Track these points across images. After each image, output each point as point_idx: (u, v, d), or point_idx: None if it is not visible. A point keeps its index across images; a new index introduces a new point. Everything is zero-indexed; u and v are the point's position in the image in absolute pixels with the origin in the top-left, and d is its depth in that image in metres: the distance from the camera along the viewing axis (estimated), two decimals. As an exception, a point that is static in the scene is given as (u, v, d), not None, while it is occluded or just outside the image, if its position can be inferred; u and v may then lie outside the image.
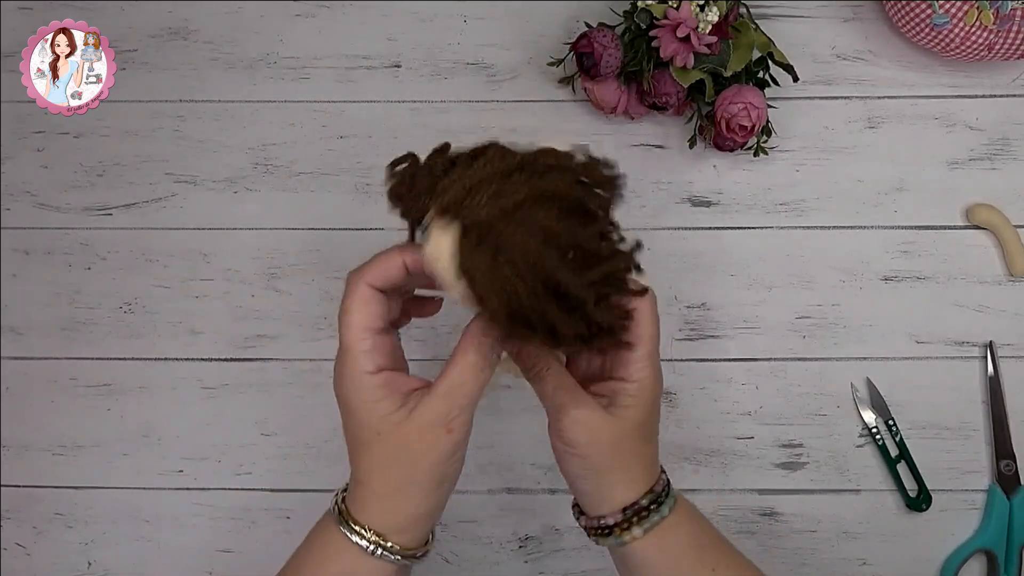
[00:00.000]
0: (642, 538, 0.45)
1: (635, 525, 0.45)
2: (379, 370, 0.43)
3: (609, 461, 0.45)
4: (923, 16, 0.64)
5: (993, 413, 0.64)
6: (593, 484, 0.45)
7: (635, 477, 0.46)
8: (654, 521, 0.45)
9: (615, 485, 0.45)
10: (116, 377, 0.67)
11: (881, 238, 0.67)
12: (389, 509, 0.43)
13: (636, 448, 0.46)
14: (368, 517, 0.43)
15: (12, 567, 0.65)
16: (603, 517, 0.46)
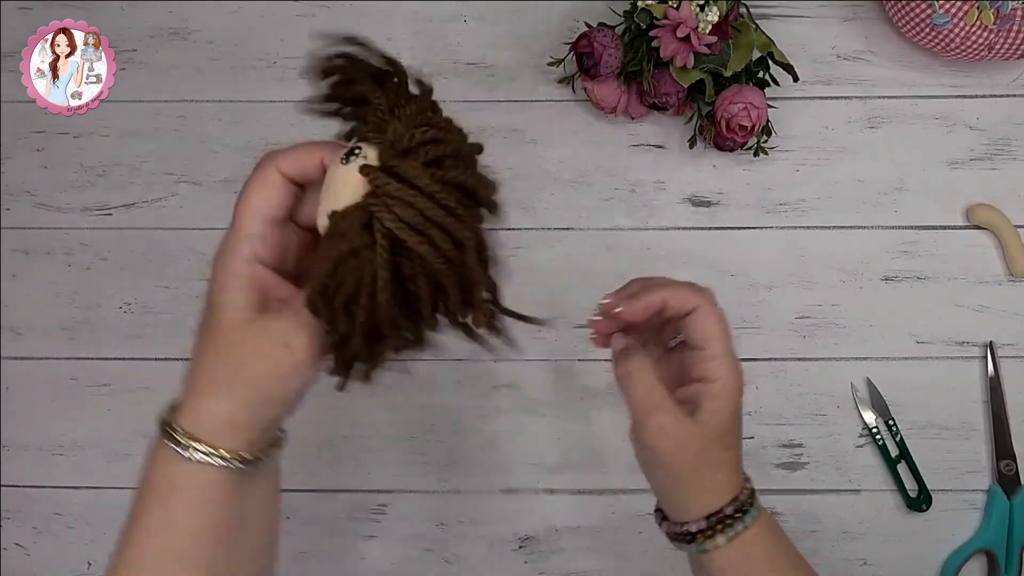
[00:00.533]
0: (724, 547, 0.45)
1: (719, 533, 0.45)
2: (256, 260, 0.40)
3: (693, 468, 0.45)
4: (923, 16, 0.64)
5: (993, 413, 0.64)
6: (677, 491, 0.45)
7: (719, 485, 0.45)
8: (737, 531, 0.45)
9: (699, 493, 0.45)
10: (116, 377, 0.67)
11: (881, 238, 0.67)
12: (201, 406, 0.40)
13: (720, 456, 0.45)
14: (182, 415, 0.40)
15: (12, 567, 0.65)
16: (686, 524, 0.45)
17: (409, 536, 0.65)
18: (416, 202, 0.36)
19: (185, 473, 0.40)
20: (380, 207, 0.36)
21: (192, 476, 0.40)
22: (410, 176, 0.36)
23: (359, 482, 0.65)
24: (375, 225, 0.36)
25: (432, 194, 0.36)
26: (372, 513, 0.65)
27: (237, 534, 0.41)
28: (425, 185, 0.36)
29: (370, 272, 0.37)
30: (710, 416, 0.44)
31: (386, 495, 0.65)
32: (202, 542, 0.40)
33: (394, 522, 0.65)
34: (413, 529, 0.65)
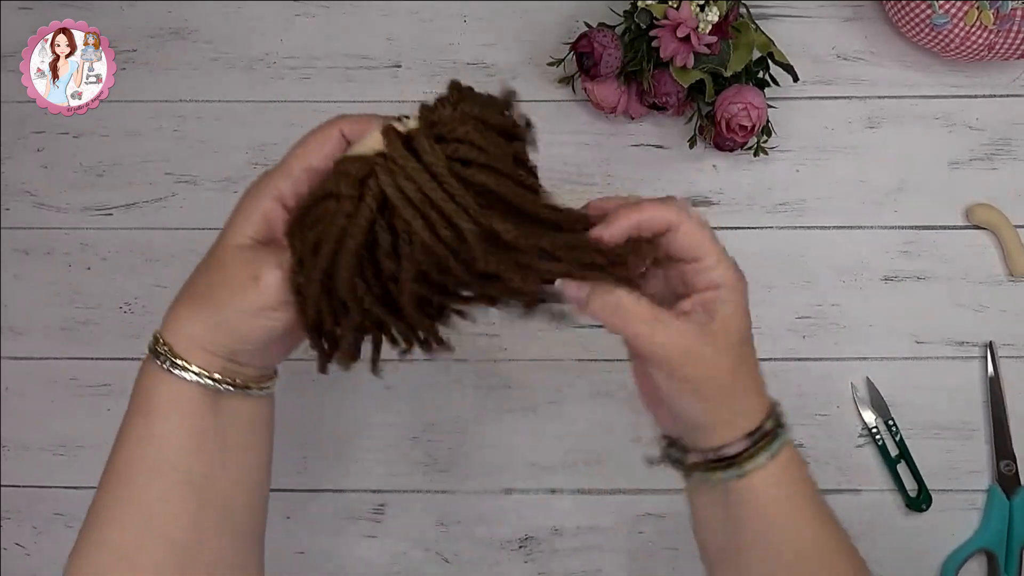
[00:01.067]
0: (765, 467, 0.40)
1: (761, 451, 0.40)
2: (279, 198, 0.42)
3: (731, 386, 0.40)
4: (923, 16, 0.64)
5: (993, 413, 0.64)
6: (711, 415, 0.41)
7: (756, 399, 0.42)
8: (777, 447, 0.41)
9: (734, 410, 0.41)
10: (116, 377, 0.67)
11: (881, 238, 0.67)
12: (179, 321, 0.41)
13: (750, 364, 0.42)
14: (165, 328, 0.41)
15: (12, 567, 0.65)
16: (723, 447, 0.41)
17: (409, 536, 0.65)
18: (419, 179, 0.36)
19: (163, 385, 0.41)
20: (382, 168, 0.37)
21: (169, 388, 0.41)
22: (424, 154, 0.37)
23: (359, 482, 0.65)
24: (370, 182, 0.37)
25: (440, 178, 0.36)
26: (372, 513, 0.65)
27: (217, 454, 0.41)
28: (436, 169, 0.37)
29: (343, 222, 0.37)
30: (728, 321, 0.41)
31: (386, 495, 0.65)
32: (180, 455, 0.41)
33: (394, 522, 0.65)
34: (413, 529, 0.65)
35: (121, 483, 0.41)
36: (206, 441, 0.41)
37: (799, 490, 0.42)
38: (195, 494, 0.41)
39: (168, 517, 0.40)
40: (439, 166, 0.37)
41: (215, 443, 0.41)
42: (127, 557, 0.40)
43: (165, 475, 0.40)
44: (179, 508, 0.40)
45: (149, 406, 0.42)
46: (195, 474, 0.41)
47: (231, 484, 0.42)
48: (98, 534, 0.41)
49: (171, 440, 0.41)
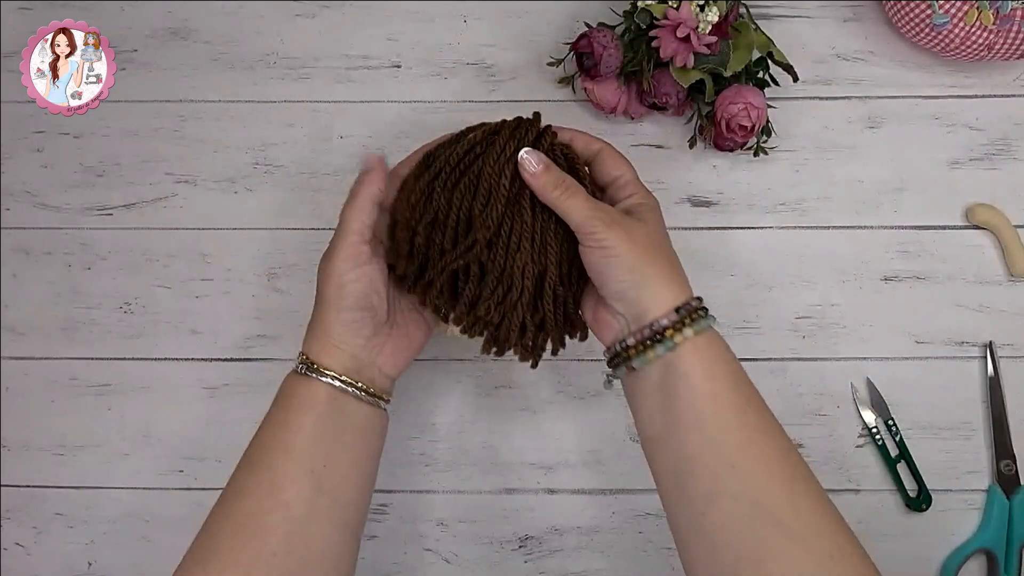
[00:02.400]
0: (692, 341, 0.46)
1: (687, 326, 0.46)
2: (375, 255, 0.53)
3: (649, 258, 0.48)
4: (923, 16, 0.64)
5: (993, 413, 0.64)
6: (640, 286, 0.47)
7: (676, 280, 0.48)
8: (703, 326, 0.47)
9: (662, 285, 0.47)
10: (116, 377, 0.67)
11: (881, 238, 0.67)
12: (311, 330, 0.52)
13: (667, 250, 0.50)
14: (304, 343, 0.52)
15: (12, 567, 0.65)
16: (656, 321, 0.47)
17: (409, 536, 0.65)
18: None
19: (301, 386, 0.51)
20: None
21: (305, 389, 0.50)
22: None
23: (359, 482, 0.65)
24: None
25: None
26: (372, 513, 0.65)
27: (334, 448, 0.49)
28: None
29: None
30: (645, 216, 0.50)
31: (386, 495, 0.65)
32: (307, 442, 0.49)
33: (394, 522, 0.65)
34: (413, 529, 0.65)
35: (255, 461, 0.49)
36: (327, 434, 0.49)
37: (723, 363, 0.47)
38: (314, 479, 0.48)
39: (291, 494, 0.47)
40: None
41: (334, 437, 0.49)
42: (249, 523, 0.47)
43: (293, 457, 0.48)
44: (301, 488, 0.48)
45: (287, 402, 0.51)
46: (316, 461, 0.48)
47: (342, 477, 0.49)
48: (228, 506, 0.48)
49: (303, 428, 0.49)
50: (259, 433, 0.51)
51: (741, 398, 0.47)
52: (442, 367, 0.66)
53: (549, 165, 0.50)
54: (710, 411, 0.46)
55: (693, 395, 0.46)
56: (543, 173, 0.50)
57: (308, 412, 0.49)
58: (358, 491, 0.51)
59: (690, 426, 0.46)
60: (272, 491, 0.48)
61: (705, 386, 0.46)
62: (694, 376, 0.46)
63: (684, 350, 0.46)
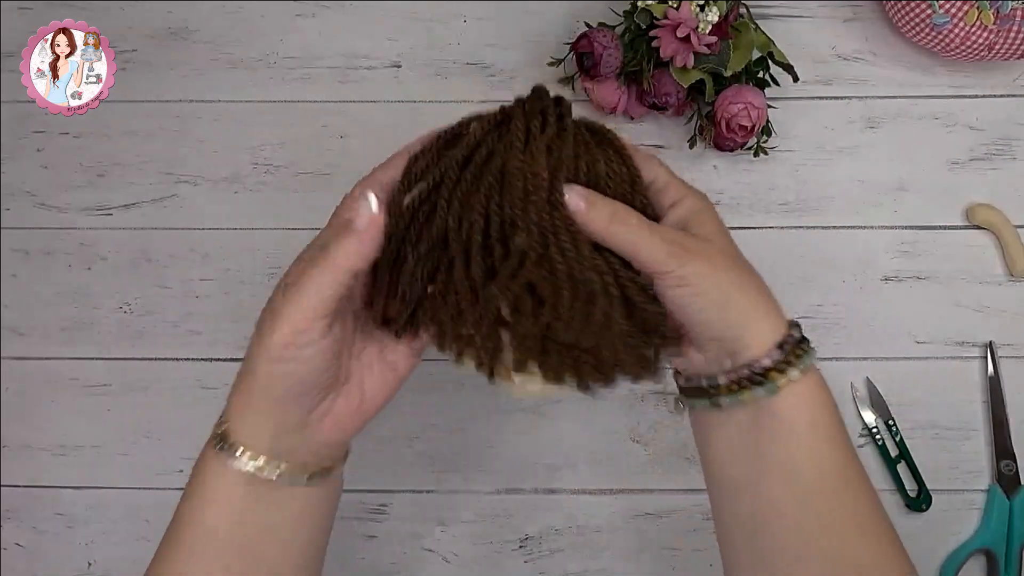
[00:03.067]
0: (794, 384, 0.39)
1: (792, 366, 0.39)
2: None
3: (739, 285, 0.40)
4: (923, 16, 0.64)
5: (993, 413, 0.64)
6: (732, 322, 0.40)
7: (771, 307, 0.41)
8: (806, 363, 0.39)
9: (758, 319, 0.40)
10: (116, 377, 0.67)
11: (881, 238, 0.67)
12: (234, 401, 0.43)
13: (750, 267, 0.42)
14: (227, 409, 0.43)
15: (12, 567, 0.65)
16: (755, 361, 0.39)
17: (409, 536, 0.65)
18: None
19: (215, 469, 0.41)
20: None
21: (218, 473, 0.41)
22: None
23: (359, 482, 0.65)
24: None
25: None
26: (372, 513, 0.65)
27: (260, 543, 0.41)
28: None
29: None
30: (708, 229, 0.41)
31: (386, 495, 0.65)
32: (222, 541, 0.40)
33: (394, 522, 0.65)
34: (413, 529, 0.65)
35: (168, 558, 0.41)
36: (248, 535, 0.40)
37: (827, 412, 0.40)
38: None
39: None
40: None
41: (259, 536, 0.40)
42: None
43: (206, 558, 0.40)
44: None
45: (198, 487, 0.41)
46: (233, 563, 0.40)
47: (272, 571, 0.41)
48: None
49: (213, 527, 0.40)
50: (174, 517, 0.43)
51: (842, 455, 0.40)
52: (442, 367, 0.66)
53: (592, 197, 0.39)
54: (810, 467, 0.39)
55: (791, 446, 0.39)
56: (590, 209, 0.39)
57: (221, 506, 0.40)
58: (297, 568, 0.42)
59: (783, 479, 0.40)
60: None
61: (807, 438, 0.39)
62: (798, 424, 0.39)
63: (787, 393, 0.39)
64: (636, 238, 0.39)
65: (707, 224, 0.41)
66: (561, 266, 0.38)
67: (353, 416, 0.42)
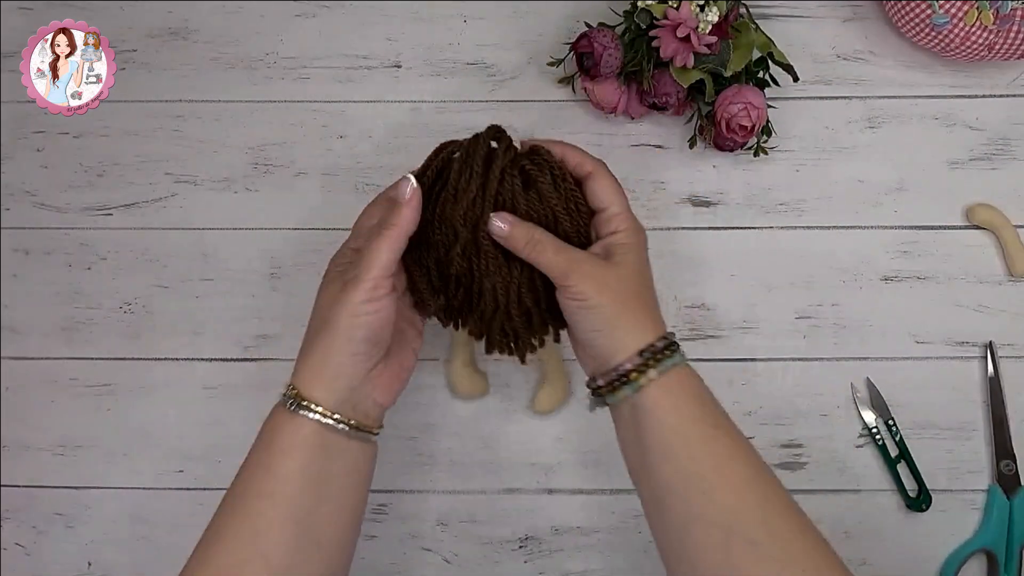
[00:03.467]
0: (656, 381, 0.48)
1: (651, 367, 0.48)
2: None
3: (619, 306, 0.49)
4: (923, 16, 0.64)
5: (993, 413, 0.64)
6: (607, 334, 0.49)
7: (645, 323, 0.49)
8: (667, 365, 0.48)
9: (628, 331, 0.49)
10: (116, 377, 0.67)
11: (881, 238, 0.67)
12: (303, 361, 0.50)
13: (641, 293, 0.50)
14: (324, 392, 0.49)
15: (12, 567, 0.65)
16: (620, 365, 0.48)
17: (409, 536, 0.65)
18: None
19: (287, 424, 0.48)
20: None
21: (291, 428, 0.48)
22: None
23: (359, 482, 0.65)
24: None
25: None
26: (372, 513, 0.65)
27: (321, 491, 0.47)
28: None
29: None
30: (621, 260, 0.50)
31: (386, 495, 0.65)
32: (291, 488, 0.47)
33: (394, 522, 0.65)
34: (413, 529, 0.65)
35: (237, 508, 0.47)
36: (313, 479, 0.47)
37: (690, 397, 0.49)
38: (297, 525, 0.46)
39: (272, 543, 0.46)
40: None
41: (322, 482, 0.48)
42: (226, 574, 0.45)
43: (276, 505, 0.47)
44: (282, 536, 0.46)
45: (272, 441, 0.48)
46: (300, 508, 0.47)
47: (328, 522, 0.48)
48: (205, 553, 0.47)
49: (288, 476, 0.47)
50: (242, 472, 0.49)
51: (708, 427, 0.48)
52: (442, 367, 0.66)
53: (515, 222, 0.50)
54: (678, 444, 0.47)
55: (661, 429, 0.48)
56: (511, 231, 0.50)
57: (294, 456, 0.47)
58: (345, 531, 0.50)
59: (661, 458, 0.48)
60: (253, 539, 0.46)
61: (671, 420, 0.48)
62: (659, 411, 0.48)
63: (650, 389, 0.48)
64: (545, 258, 0.50)
65: (627, 256, 0.51)
66: (477, 273, 0.52)
67: (394, 381, 0.52)
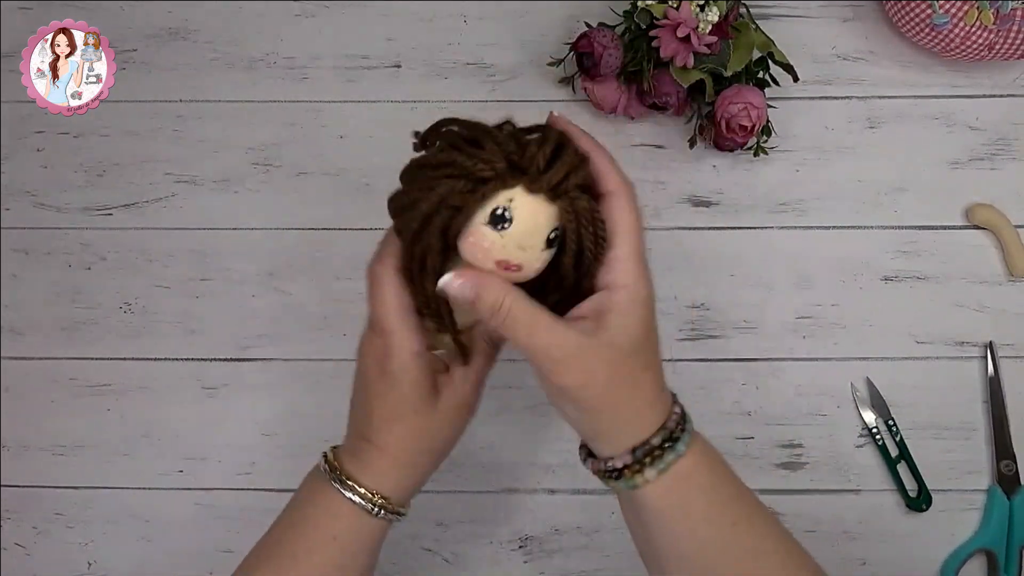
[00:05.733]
0: (656, 481, 0.40)
1: (647, 467, 0.40)
2: (422, 350, 0.43)
3: (610, 399, 0.39)
4: (923, 16, 0.64)
5: (993, 413, 0.64)
6: (595, 426, 0.41)
7: (641, 412, 0.40)
8: (668, 461, 0.40)
9: (620, 424, 0.40)
10: (116, 377, 0.67)
11: (881, 238, 0.67)
12: (403, 475, 0.46)
13: (636, 377, 0.40)
14: (376, 481, 0.45)
15: (12, 567, 0.65)
16: (611, 459, 0.40)
17: (409, 536, 0.65)
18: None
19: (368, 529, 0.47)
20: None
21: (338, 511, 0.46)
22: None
23: (359, 482, 0.65)
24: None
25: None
26: (372, 513, 0.65)
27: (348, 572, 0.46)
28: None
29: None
30: (617, 333, 0.39)
31: (386, 495, 0.65)
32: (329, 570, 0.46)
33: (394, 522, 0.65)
34: (413, 529, 0.65)
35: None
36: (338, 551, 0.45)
37: (703, 505, 0.41)
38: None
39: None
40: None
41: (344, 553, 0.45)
42: None
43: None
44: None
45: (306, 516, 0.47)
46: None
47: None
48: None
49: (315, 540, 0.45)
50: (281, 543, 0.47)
51: (726, 526, 0.41)
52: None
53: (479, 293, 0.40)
54: (691, 550, 0.41)
55: (671, 536, 0.41)
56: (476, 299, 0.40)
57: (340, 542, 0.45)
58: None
59: (672, 558, 0.42)
60: None
61: (680, 527, 0.41)
62: (667, 515, 0.41)
63: (650, 490, 0.40)
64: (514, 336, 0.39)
65: (623, 323, 0.40)
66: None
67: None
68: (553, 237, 0.40)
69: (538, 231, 0.39)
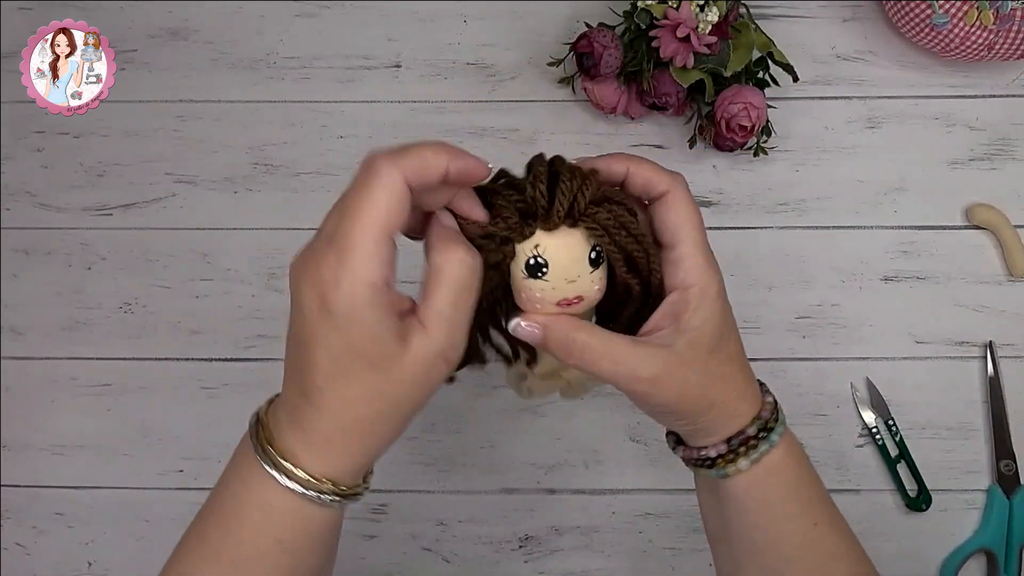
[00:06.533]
0: (747, 471, 0.40)
1: (741, 456, 0.40)
2: (386, 285, 0.34)
3: (705, 401, 0.39)
4: (923, 16, 0.64)
5: (993, 413, 0.64)
6: (694, 427, 0.41)
7: (735, 405, 0.40)
8: (762, 451, 0.40)
9: (718, 420, 0.40)
10: (116, 377, 0.67)
11: (881, 238, 0.67)
12: (355, 447, 0.36)
13: (725, 372, 0.40)
14: (320, 457, 0.36)
15: (12, 567, 0.65)
16: (704, 448, 0.41)
17: (409, 536, 0.65)
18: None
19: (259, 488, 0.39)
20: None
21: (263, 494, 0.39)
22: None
23: (359, 482, 0.65)
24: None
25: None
26: (372, 513, 0.65)
27: (289, 563, 0.39)
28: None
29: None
30: (696, 333, 0.39)
31: (386, 495, 0.65)
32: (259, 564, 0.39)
33: (394, 522, 0.65)
34: (413, 529, 0.65)
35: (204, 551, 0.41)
36: (284, 553, 0.38)
37: (785, 495, 0.41)
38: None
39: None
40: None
41: (291, 554, 0.38)
42: None
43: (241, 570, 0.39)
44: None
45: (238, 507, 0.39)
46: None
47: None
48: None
49: (254, 546, 0.38)
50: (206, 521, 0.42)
51: (808, 525, 0.42)
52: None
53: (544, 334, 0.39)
54: (768, 544, 0.41)
55: (752, 523, 0.41)
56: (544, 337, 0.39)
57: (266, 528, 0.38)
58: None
59: (747, 547, 0.42)
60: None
61: (761, 519, 0.41)
62: (749, 505, 0.41)
63: (739, 479, 0.40)
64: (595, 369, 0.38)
65: (701, 316, 0.39)
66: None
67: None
68: (595, 256, 0.40)
69: (576, 260, 0.39)
